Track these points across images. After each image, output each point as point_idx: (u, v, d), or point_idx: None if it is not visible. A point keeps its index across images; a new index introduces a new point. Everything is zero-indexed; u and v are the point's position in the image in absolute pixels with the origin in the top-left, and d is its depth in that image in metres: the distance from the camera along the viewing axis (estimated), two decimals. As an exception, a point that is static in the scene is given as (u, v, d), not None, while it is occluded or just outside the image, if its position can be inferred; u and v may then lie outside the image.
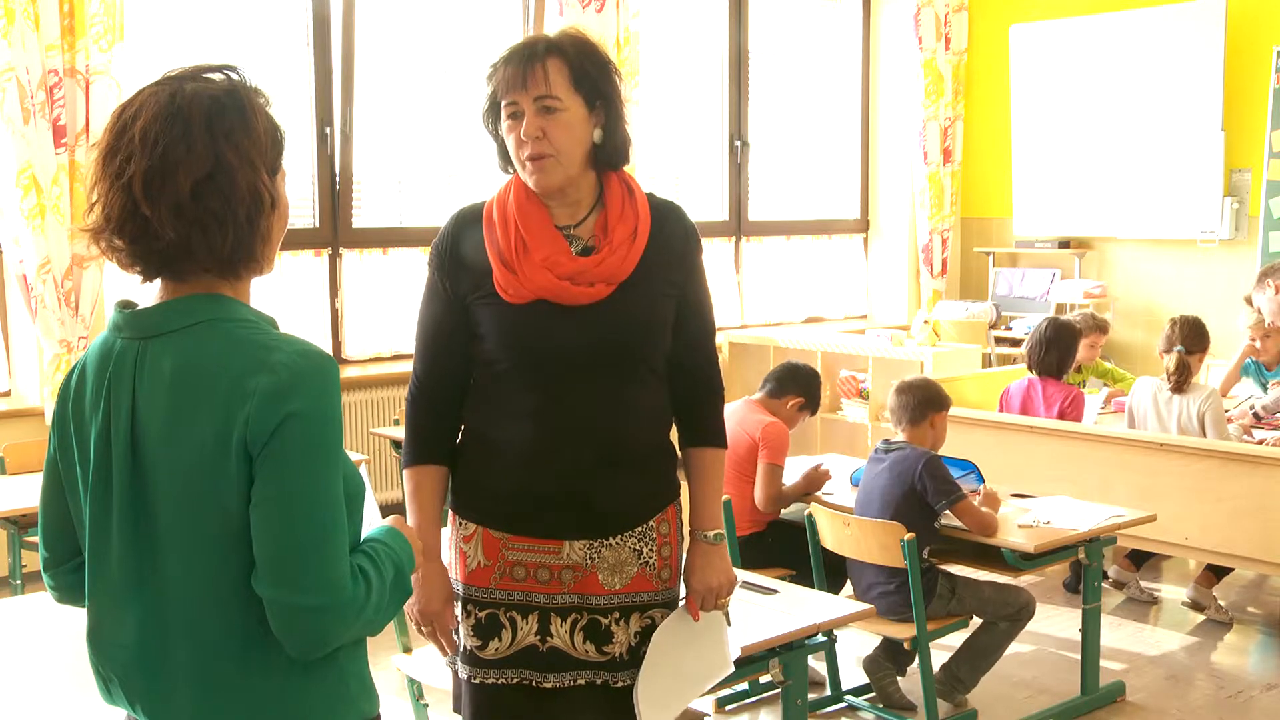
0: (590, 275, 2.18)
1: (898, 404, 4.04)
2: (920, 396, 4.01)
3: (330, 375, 1.53)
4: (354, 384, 6.11)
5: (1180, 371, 4.87)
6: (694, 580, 2.33)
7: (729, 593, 2.35)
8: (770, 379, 4.49)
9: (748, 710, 4.03)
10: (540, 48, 2.17)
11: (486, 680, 2.27)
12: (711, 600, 2.32)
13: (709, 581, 2.32)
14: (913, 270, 8.60)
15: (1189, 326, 4.97)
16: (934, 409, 4.01)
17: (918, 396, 4.01)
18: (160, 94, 1.53)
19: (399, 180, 6.65)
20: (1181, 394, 4.87)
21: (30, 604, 3.06)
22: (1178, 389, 4.88)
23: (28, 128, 5.07)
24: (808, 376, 4.48)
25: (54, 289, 5.19)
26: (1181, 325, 4.98)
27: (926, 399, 4.01)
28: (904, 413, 4.01)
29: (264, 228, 1.57)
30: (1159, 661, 4.45)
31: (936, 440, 4.02)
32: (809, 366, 4.59)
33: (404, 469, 2.33)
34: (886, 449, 3.96)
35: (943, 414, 4.04)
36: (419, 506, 2.29)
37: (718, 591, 2.32)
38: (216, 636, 1.53)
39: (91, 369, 1.59)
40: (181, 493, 1.52)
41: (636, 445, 2.26)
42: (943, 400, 4.05)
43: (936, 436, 4.02)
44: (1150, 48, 7.45)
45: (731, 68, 7.87)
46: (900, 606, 3.71)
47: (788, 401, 4.41)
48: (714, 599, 2.33)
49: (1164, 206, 7.49)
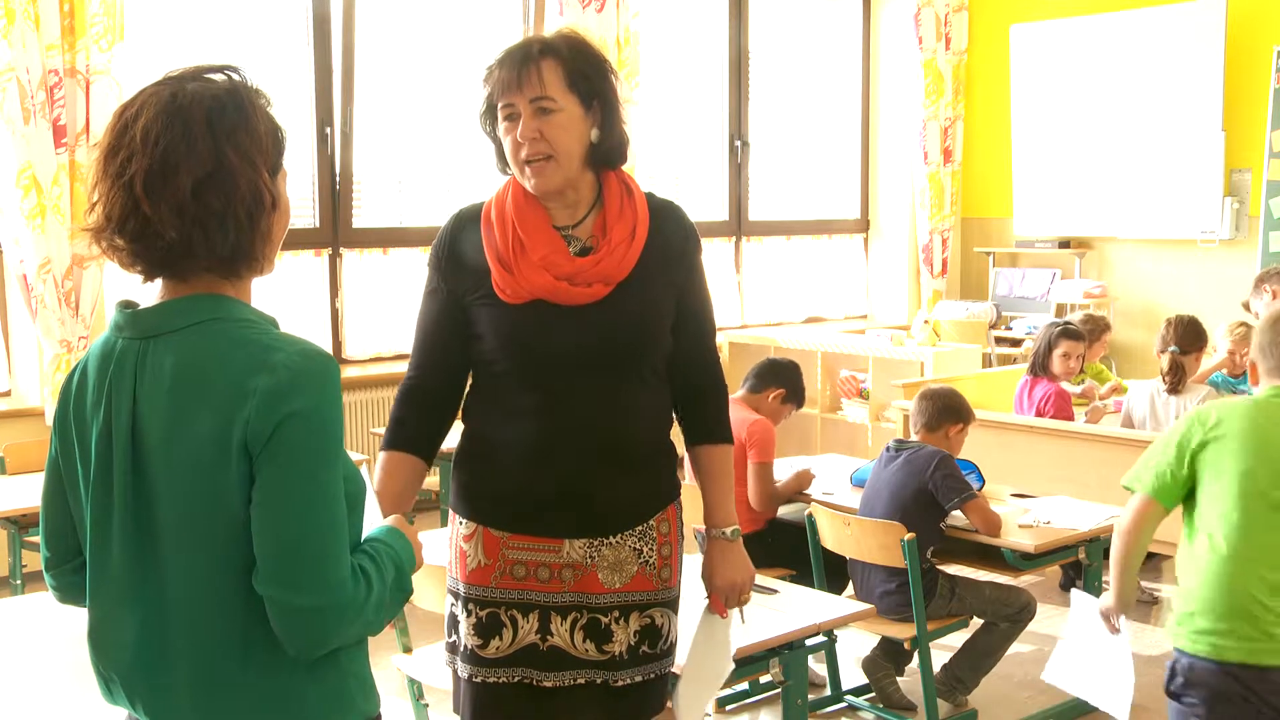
0: (588, 275, 2.18)
1: (916, 409, 4.04)
2: (940, 405, 3.99)
3: (331, 375, 1.53)
4: (354, 384, 6.11)
5: (1174, 372, 4.87)
6: (716, 578, 2.34)
7: (750, 588, 2.36)
8: (750, 375, 4.49)
9: (748, 710, 4.03)
10: (535, 49, 2.17)
11: (487, 679, 2.27)
12: (735, 596, 2.35)
13: (731, 578, 2.33)
14: (913, 270, 8.61)
15: (1183, 326, 4.96)
16: (951, 420, 3.98)
17: (938, 405, 3.99)
18: (161, 93, 1.53)
19: (399, 180, 6.66)
20: (1178, 394, 4.87)
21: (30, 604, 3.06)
22: (1173, 389, 4.88)
23: (28, 128, 5.08)
24: (788, 368, 4.48)
25: (54, 289, 5.19)
26: (1176, 325, 4.97)
27: (946, 409, 3.99)
28: (921, 418, 4.00)
29: (265, 227, 1.57)
30: (1159, 661, 4.44)
31: (950, 452, 3.99)
32: (789, 360, 4.59)
33: (380, 451, 2.30)
34: (899, 447, 3.96)
35: (959, 426, 4.00)
36: (382, 492, 2.21)
37: (741, 587, 2.34)
38: (217, 636, 1.53)
39: (93, 369, 1.59)
40: (182, 492, 1.52)
41: (636, 444, 2.26)
42: (962, 413, 4.02)
43: (950, 448, 3.99)
44: (1150, 48, 7.46)
45: (731, 68, 7.87)
46: (900, 607, 3.71)
47: (769, 395, 4.40)
48: (737, 595, 2.35)
49: (1164, 206, 7.49)
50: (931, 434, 3.98)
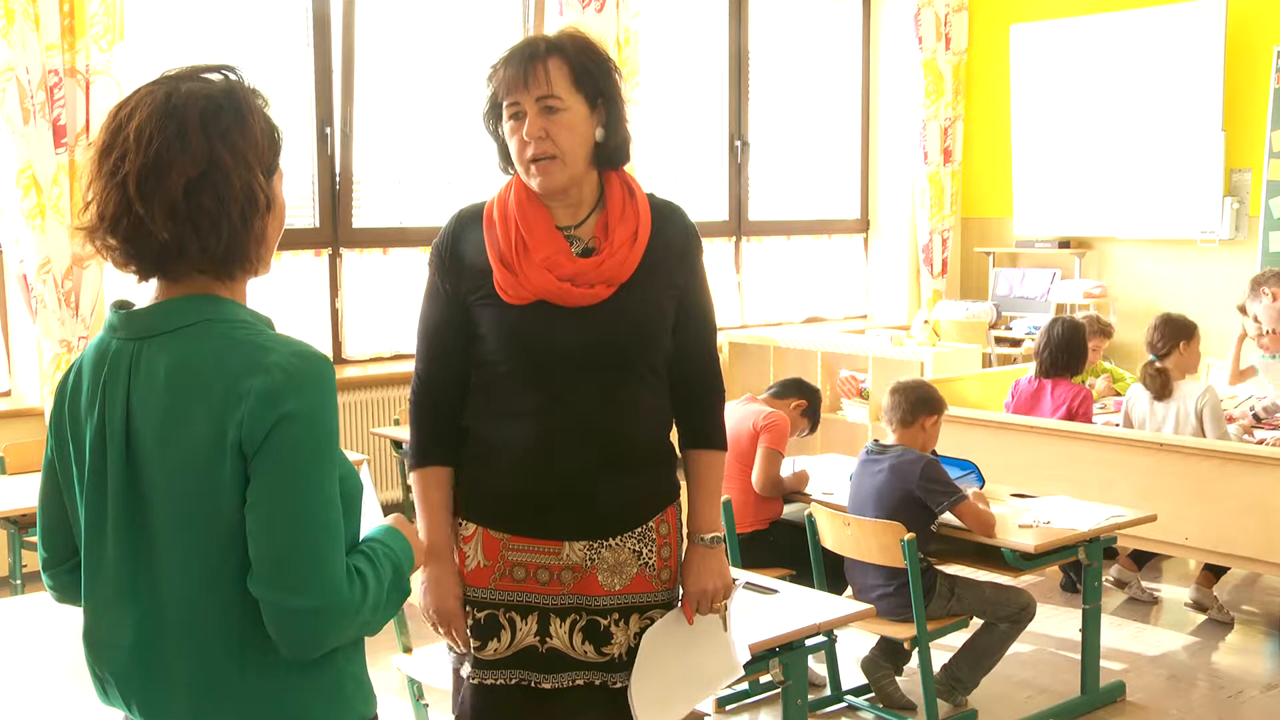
0: (590, 277, 2.17)
1: (890, 404, 4.01)
2: (914, 398, 3.98)
3: (325, 376, 1.53)
4: (354, 384, 6.11)
5: (1156, 379, 4.89)
6: (689, 583, 2.32)
7: (725, 597, 2.33)
8: (776, 384, 4.68)
9: (748, 710, 4.02)
10: (541, 47, 2.17)
11: (486, 681, 2.26)
12: (706, 604, 2.31)
13: (704, 585, 2.31)
14: (913, 270, 8.60)
15: (1161, 329, 4.97)
16: (926, 412, 3.98)
17: (911, 398, 3.98)
18: (156, 93, 1.53)
19: (399, 180, 6.65)
20: (1164, 400, 4.88)
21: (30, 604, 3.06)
22: (1159, 396, 4.89)
23: (28, 128, 5.07)
24: (814, 390, 4.68)
25: (54, 289, 5.19)
26: (1153, 330, 5.00)
27: (919, 401, 3.98)
28: (895, 413, 3.98)
29: (259, 228, 1.57)
30: (1159, 661, 4.44)
31: (927, 443, 3.98)
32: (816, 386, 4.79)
33: (411, 471, 2.32)
34: (880, 450, 3.95)
35: (934, 418, 4.00)
36: (428, 507, 2.28)
37: (713, 595, 2.31)
38: (212, 637, 1.53)
39: (87, 369, 1.59)
40: (177, 493, 1.51)
41: (637, 446, 2.26)
42: (936, 404, 4.02)
43: (927, 439, 3.99)
44: (1150, 48, 7.45)
45: (731, 68, 7.87)
46: (900, 607, 3.70)
47: (791, 403, 4.52)
48: (709, 602, 2.31)
49: (1164, 206, 7.49)
50: (908, 429, 3.96)
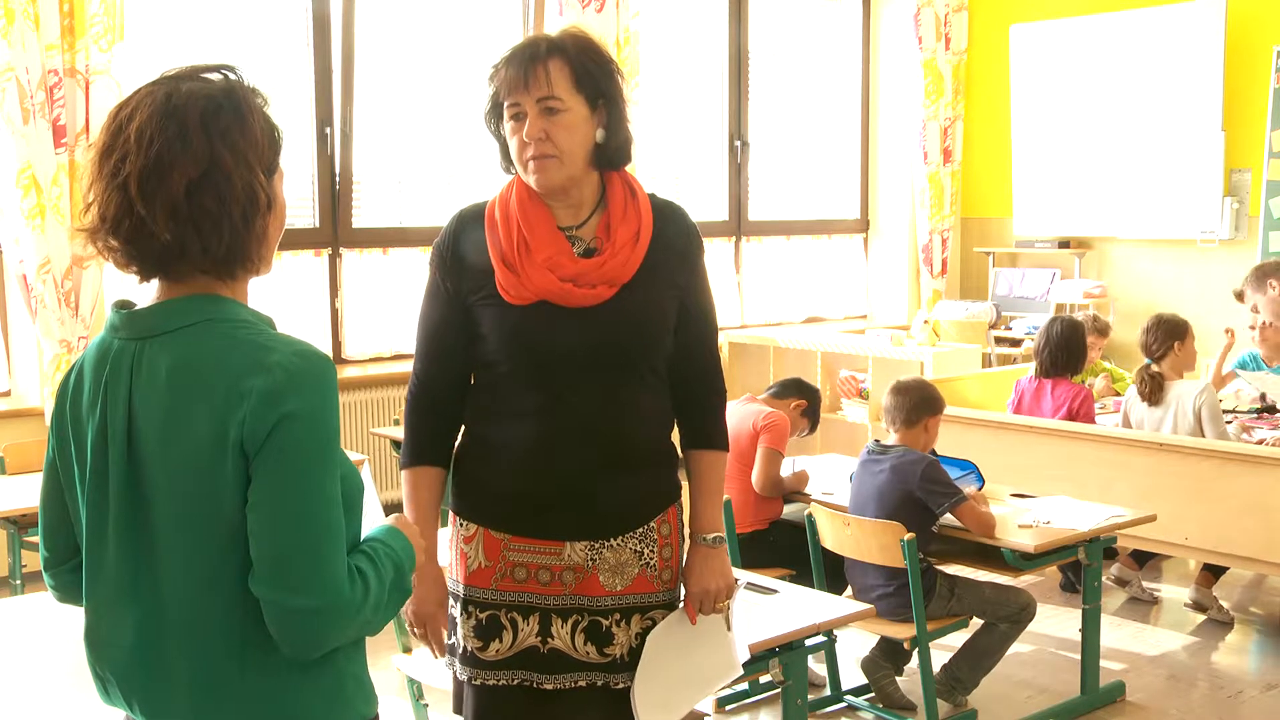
0: (592, 277, 2.17)
1: (893, 404, 4.01)
2: (916, 399, 3.98)
3: (326, 376, 1.53)
4: (354, 384, 6.11)
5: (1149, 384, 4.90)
6: (691, 583, 2.32)
7: (728, 597, 2.33)
8: (776, 384, 4.68)
9: (748, 710, 4.02)
10: (542, 48, 2.17)
11: (487, 681, 2.26)
12: (709, 604, 2.31)
13: (706, 585, 2.31)
14: (913, 270, 8.60)
15: (1154, 331, 4.99)
16: (929, 412, 3.98)
17: (914, 398, 3.98)
18: (156, 93, 1.53)
19: (399, 180, 6.65)
20: (1156, 405, 4.88)
21: (30, 604, 3.06)
22: (1151, 401, 4.90)
23: (28, 128, 5.07)
24: (813, 390, 4.68)
25: (54, 289, 5.19)
26: (1146, 332, 5.01)
27: (922, 401, 3.98)
28: (898, 414, 3.98)
29: (260, 228, 1.57)
30: (1159, 661, 4.44)
31: (928, 443, 3.98)
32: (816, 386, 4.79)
33: (402, 469, 2.33)
34: (882, 450, 3.95)
35: (936, 418, 4.01)
36: (416, 506, 2.29)
37: (715, 595, 2.31)
38: (213, 636, 1.53)
39: (89, 369, 1.59)
40: (178, 493, 1.51)
41: (638, 446, 2.26)
42: (938, 404, 4.02)
43: (929, 439, 3.99)
44: (1150, 48, 7.45)
45: (731, 68, 7.87)
46: (900, 607, 3.70)
47: (790, 403, 4.53)
48: (711, 603, 2.32)
49: (1164, 206, 7.49)
50: (910, 429, 3.95)
